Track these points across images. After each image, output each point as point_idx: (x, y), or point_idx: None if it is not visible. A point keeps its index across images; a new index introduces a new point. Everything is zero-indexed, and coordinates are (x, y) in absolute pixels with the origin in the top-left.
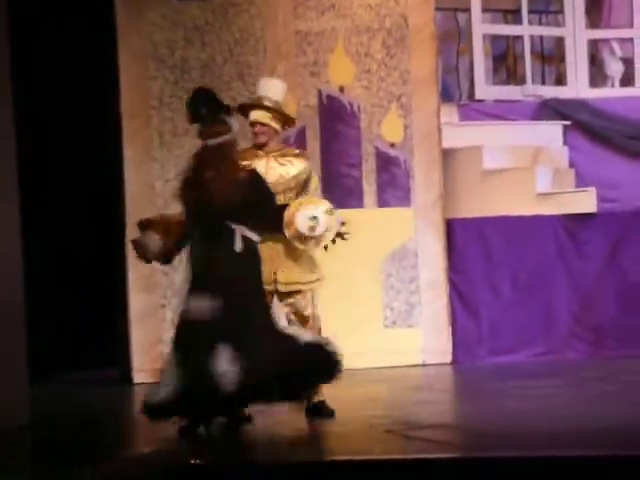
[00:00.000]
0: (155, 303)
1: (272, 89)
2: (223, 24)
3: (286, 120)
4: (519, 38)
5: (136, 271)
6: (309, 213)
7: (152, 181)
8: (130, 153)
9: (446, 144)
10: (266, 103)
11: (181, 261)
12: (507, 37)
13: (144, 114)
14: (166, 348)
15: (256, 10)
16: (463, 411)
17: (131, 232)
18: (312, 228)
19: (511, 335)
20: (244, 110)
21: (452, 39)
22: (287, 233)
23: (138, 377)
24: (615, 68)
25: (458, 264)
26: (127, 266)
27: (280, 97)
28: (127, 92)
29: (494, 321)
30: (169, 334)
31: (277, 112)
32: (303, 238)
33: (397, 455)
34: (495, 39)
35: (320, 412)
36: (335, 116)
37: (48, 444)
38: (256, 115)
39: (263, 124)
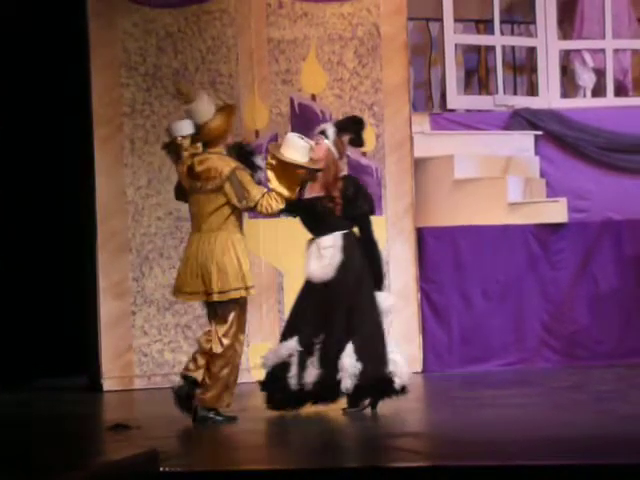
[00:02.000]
0: (125, 310)
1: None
2: (196, 32)
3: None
4: (491, 48)
5: (107, 278)
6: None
7: (123, 188)
8: (101, 160)
9: (418, 153)
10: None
11: (151, 269)
12: (479, 47)
13: (116, 121)
14: (136, 356)
15: (229, 18)
16: (434, 420)
17: (102, 238)
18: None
19: (482, 344)
20: None
21: (424, 49)
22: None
23: (107, 384)
24: (587, 79)
25: (429, 273)
26: (98, 273)
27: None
28: (99, 99)
29: (465, 330)
30: (139, 341)
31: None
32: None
33: (369, 463)
34: (467, 49)
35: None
36: (307, 124)
37: (14, 452)
38: None
39: None
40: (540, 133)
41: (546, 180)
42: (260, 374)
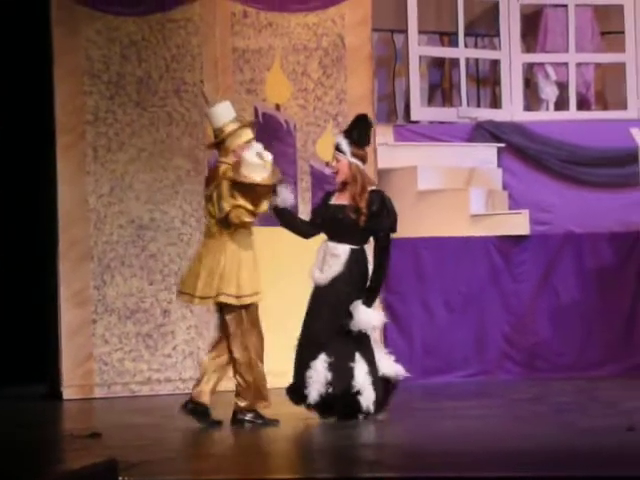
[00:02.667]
0: (86, 318)
1: None
2: (160, 40)
3: None
4: (455, 62)
5: (68, 286)
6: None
7: (86, 196)
8: (64, 168)
9: (381, 164)
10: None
11: (113, 277)
12: (443, 61)
13: (78, 129)
14: (96, 364)
15: (193, 27)
16: (395, 431)
17: (64, 246)
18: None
19: (444, 356)
20: None
21: (388, 60)
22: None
23: (67, 393)
24: (549, 92)
25: (392, 284)
26: (59, 281)
27: None
28: (61, 107)
29: (427, 341)
30: (99, 350)
31: None
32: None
33: (330, 474)
34: (431, 64)
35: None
36: (271, 134)
37: None
38: None
39: None
40: (503, 145)
41: (508, 192)
42: (221, 385)
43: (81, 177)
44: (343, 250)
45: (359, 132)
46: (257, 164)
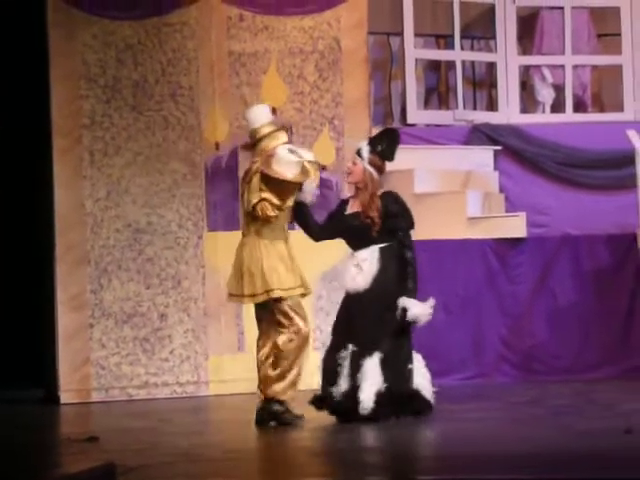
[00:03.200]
0: (83, 323)
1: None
2: (156, 44)
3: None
4: (451, 65)
5: (65, 290)
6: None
7: (82, 200)
8: (60, 172)
9: None
10: None
11: (110, 281)
12: (439, 65)
13: (75, 133)
14: (93, 368)
15: (189, 30)
16: (392, 434)
17: (61, 250)
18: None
19: (441, 358)
20: None
21: (384, 63)
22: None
23: (65, 397)
24: (546, 94)
25: None
26: (56, 285)
27: None
28: (58, 111)
29: (424, 344)
30: (97, 354)
31: None
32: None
33: (327, 478)
34: (427, 67)
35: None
36: None
37: None
38: None
39: None
40: (499, 148)
41: (505, 195)
42: (218, 388)
43: (77, 181)
44: (372, 251)
45: (386, 146)
46: (289, 160)
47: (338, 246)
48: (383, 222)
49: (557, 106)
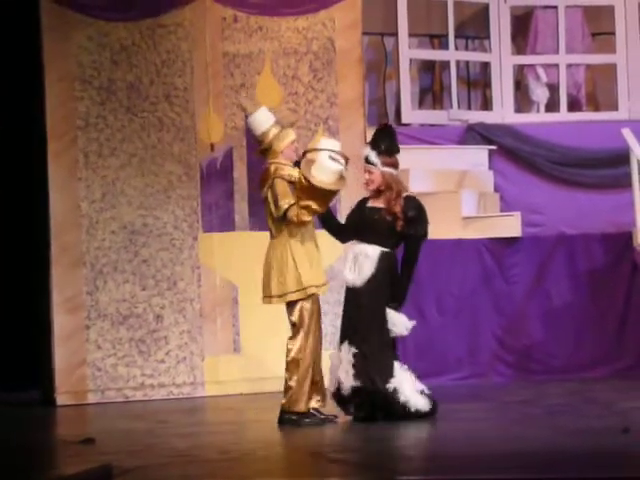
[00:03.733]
0: (79, 324)
1: None
2: (150, 45)
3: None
4: (445, 65)
5: (60, 292)
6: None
7: (77, 202)
8: (55, 174)
9: None
10: None
11: (105, 283)
12: (433, 65)
13: (70, 134)
14: (89, 370)
15: (184, 32)
16: (387, 434)
17: (56, 252)
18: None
19: (436, 358)
20: None
21: (379, 63)
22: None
23: (61, 399)
24: (540, 94)
25: None
26: (51, 287)
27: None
28: (53, 112)
29: (419, 344)
30: (93, 356)
31: None
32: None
33: (321, 478)
34: (422, 67)
35: None
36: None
37: None
38: None
39: None
40: (494, 148)
41: (500, 194)
42: (214, 389)
43: (72, 183)
44: (373, 251)
45: (387, 142)
46: (328, 168)
47: (333, 247)
48: (403, 225)
49: (551, 105)
